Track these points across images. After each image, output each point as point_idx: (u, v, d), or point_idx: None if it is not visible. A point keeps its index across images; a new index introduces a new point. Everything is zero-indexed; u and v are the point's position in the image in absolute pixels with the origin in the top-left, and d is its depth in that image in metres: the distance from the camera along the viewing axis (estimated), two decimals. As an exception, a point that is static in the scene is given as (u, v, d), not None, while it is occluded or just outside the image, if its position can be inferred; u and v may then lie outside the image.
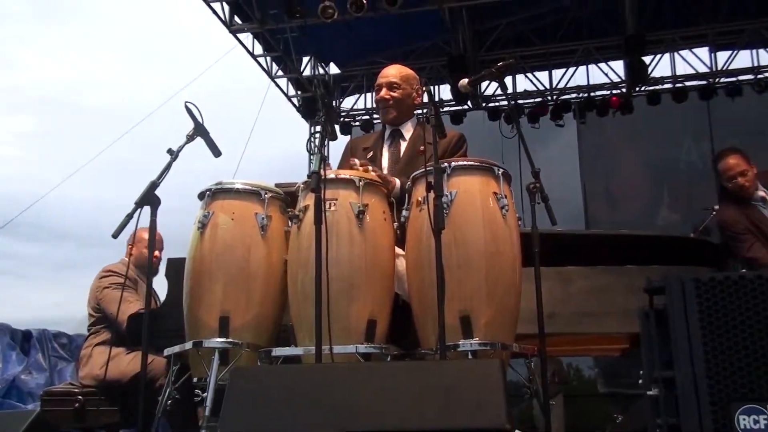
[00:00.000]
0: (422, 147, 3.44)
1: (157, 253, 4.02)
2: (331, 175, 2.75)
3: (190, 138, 3.03)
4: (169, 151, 2.96)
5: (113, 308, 3.89)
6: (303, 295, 2.71)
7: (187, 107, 3.03)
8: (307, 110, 11.90)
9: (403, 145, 3.57)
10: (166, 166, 2.93)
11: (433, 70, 11.00)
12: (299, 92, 11.81)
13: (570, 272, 3.86)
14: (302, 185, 2.92)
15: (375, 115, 12.01)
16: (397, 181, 3.19)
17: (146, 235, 3.30)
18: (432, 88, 10.00)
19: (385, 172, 3.45)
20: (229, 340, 2.79)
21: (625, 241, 4.17)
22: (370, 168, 3.03)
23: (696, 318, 2.23)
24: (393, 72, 3.58)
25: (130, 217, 2.78)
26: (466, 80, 3.07)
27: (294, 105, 11.94)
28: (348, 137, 11.25)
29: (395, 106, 3.52)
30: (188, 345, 2.83)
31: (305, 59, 11.23)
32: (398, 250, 2.93)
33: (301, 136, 12.31)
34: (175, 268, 3.43)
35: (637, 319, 2.49)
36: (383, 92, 3.52)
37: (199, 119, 3.04)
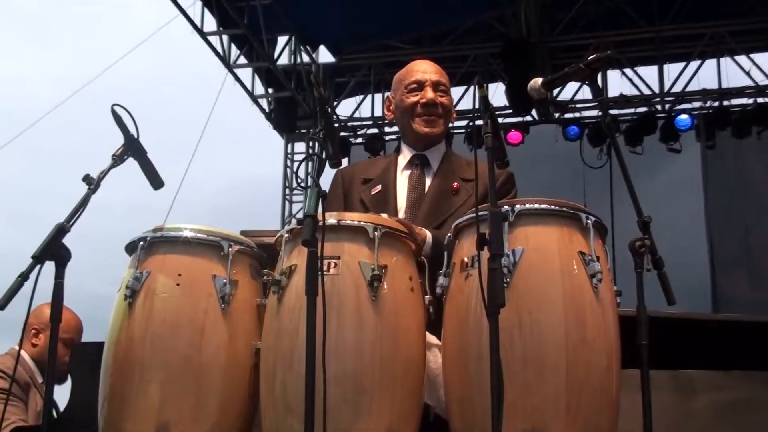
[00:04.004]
0: (456, 183, 3.58)
1: (64, 351, 4.07)
2: (332, 220, 2.84)
3: (118, 159, 3.15)
4: (87, 178, 3.06)
5: None
6: (284, 404, 2.77)
7: (114, 113, 3.14)
8: (282, 118, 12.04)
9: (429, 179, 3.70)
10: (81, 201, 3.03)
11: (479, 61, 11.18)
12: (271, 90, 11.98)
13: (693, 378, 3.90)
14: (286, 235, 3.00)
15: (387, 129, 12.18)
16: (428, 233, 3.28)
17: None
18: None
19: (401, 216, 3.56)
20: (168, 469, 2.84)
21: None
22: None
23: None
24: (435, 69, 3.75)
25: (24, 278, 2.86)
26: (539, 80, 3.18)
27: (262, 109, 12.11)
28: (344, 161, 11.38)
29: (445, 117, 3.71)
30: (106, 475, 2.89)
31: (281, 40, 11.43)
32: (431, 338, 2.99)
33: (273, 157, 12.44)
34: (86, 357, 3.50)
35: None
36: (431, 93, 3.66)
37: (133, 131, 3.15)
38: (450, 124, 3.80)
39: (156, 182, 3.24)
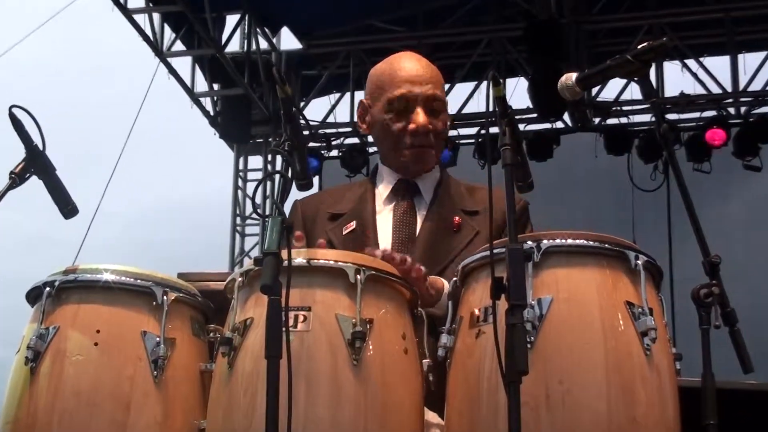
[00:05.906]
0: (458, 218, 3.58)
1: None
2: (300, 259, 2.85)
3: (17, 178, 3.14)
4: (-23, 202, 3.07)
5: None
6: (235, 503, 2.77)
7: (13, 117, 3.14)
8: (231, 123, 12.05)
9: (422, 213, 3.73)
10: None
11: (494, 47, 11.21)
12: (217, 86, 11.99)
13: (775, 467, 3.91)
14: (240, 279, 3.00)
15: (371, 139, 12.16)
16: (446, 283, 3.29)
17: None
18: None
19: None
20: None
21: None
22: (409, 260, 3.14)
23: None
24: (426, 75, 3.78)
25: None
26: (573, 76, 3.20)
27: (205, 111, 12.12)
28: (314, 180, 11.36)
29: (438, 145, 3.75)
30: None
31: (231, 20, 11.45)
32: (430, 415, 3.01)
33: (219, 175, 12.45)
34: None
35: None
36: (422, 118, 3.67)
37: (38, 142, 3.15)
38: (446, 135, 3.79)
39: (67, 208, 3.24)
